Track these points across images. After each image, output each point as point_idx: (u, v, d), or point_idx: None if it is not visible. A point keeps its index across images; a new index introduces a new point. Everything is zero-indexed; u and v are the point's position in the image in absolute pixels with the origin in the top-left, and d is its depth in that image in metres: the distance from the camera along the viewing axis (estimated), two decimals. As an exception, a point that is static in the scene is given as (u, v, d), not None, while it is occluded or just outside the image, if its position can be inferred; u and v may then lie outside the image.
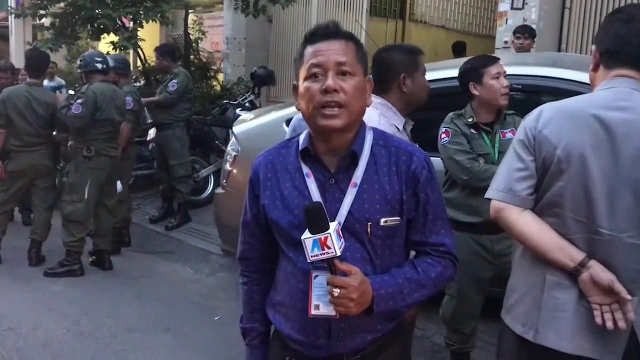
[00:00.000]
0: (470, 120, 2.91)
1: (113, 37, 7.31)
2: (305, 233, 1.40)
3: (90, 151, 4.80)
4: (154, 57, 6.57)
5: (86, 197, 4.82)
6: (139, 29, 7.18)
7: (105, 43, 7.53)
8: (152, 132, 6.51)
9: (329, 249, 1.37)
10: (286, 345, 1.61)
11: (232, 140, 4.40)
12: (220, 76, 9.22)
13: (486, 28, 11.17)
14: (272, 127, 4.12)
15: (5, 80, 5.84)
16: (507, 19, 6.62)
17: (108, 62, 5.01)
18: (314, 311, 1.48)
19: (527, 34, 5.67)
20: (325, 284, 1.42)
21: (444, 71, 3.64)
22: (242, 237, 1.71)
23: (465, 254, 2.65)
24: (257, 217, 1.63)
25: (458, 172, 2.86)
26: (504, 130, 2.93)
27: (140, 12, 7.05)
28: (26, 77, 5.28)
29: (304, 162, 1.55)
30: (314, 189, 1.52)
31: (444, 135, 2.92)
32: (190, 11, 9.08)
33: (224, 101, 7.49)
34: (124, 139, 5.19)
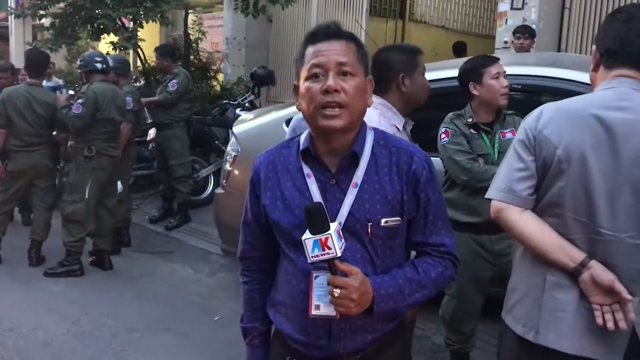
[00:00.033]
0: (469, 120, 2.91)
1: (113, 37, 7.31)
2: (306, 233, 1.39)
3: (91, 151, 4.80)
4: (154, 57, 6.58)
5: (87, 197, 4.82)
6: (139, 29, 7.18)
7: (105, 43, 7.52)
8: (152, 132, 6.51)
9: (329, 249, 1.37)
10: (287, 345, 1.61)
11: (232, 140, 4.40)
12: (220, 76, 9.22)
13: (486, 28, 11.17)
14: (272, 127, 4.12)
15: (5, 80, 5.86)
16: (506, 19, 6.62)
17: (108, 62, 5.01)
18: (315, 311, 1.48)
19: (527, 34, 5.67)
20: (326, 284, 1.42)
21: (443, 71, 3.63)
22: (243, 236, 1.71)
23: (465, 254, 2.65)
24: (258, 217, 1.63)
25: (457, 173, 2.86)
26: (504, 131, 2.93)
27: (140, 13, 7.04)
28: (26, 77, 5.28)
29: (304, 163, 1.55)
30: (314, 190, 1.52)
31: (443, 135, 2.92)
32: (190, 11, 9.08)
33: (224, 101, 7.49)
34: (124, 139, 5.19)
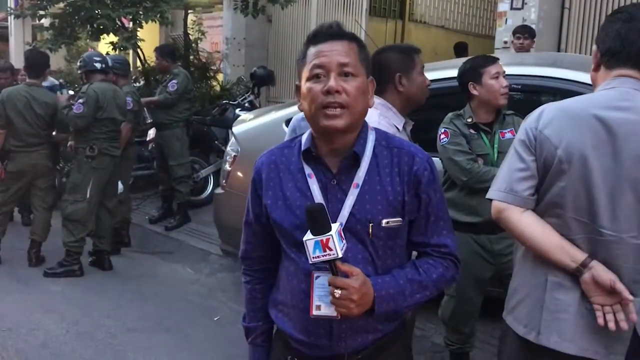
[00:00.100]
0: (469, 120, 2.91)
1: (113, 37, 7.30)
2: (307, 234, 1.39)
3: (93, 150, 4.80)
4: (153, 57, 6.57)
5: (88, 196, 4.83)
6: (139, 29, 7.17)
7: (105, 43, 7.51)
8: (151, 133, 6.51)
9: (330, 250, 1.37)
10: (289, 345, 1.62)
11: (232, 140, 4.40)
12: (220, 76, 9.21)
13: (486, 28, 11.17)
14: (272, 128, 4.12)
15: (4, 80, 5.85)
16: (506, 19, 6.62)
17: (107, 62, 5.02)
18: (316, 311, 1.48)
19: (526, 34, 5.67)
20: (327, 284, 1.42)
21: (444, 71, 3.63)
22: (245, 236, 1.72)
23: (465, 254, 2.64)
24: (260, 217, 1.63)
25: (457, 173, 2.86)
26: (503, 131, 2.92)
27: (140, 13, 7.03)
28: (25, 77, 5.28)
29: (306, 163, 1.55)
30: (316, 190, 1.52)
31: (443, 135, 2.92)
32: (189, 11, 9.08)
33: (224, 101, 7.49)
34: (124, 139, 5.19)
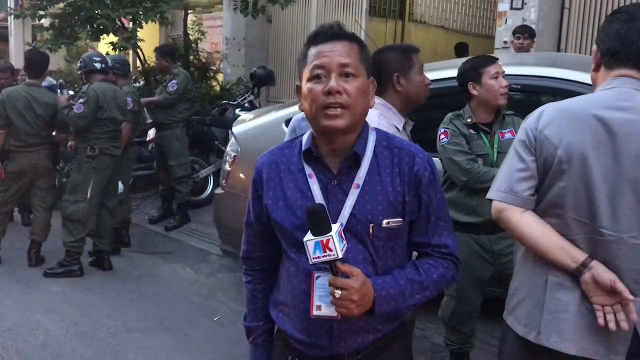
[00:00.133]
0: (469, 120, 2.91)
1: (112, 37, 7.30)
2: (307, 235, 1.39)
3: (94, 150, 4.80)
4: (153, 57, 6.57)
5: (89, 196, 4.83)
6: (139, 29, 7.17)
7: (105, 44, 7.51)
8: (151, 133, 6.51)
9: (330, 251, 1.37)
10: (289, 345, 1.62)
11: (232, 140, 4.40)
12: (220, 76, 9.21)
13: (485, 28, 11.17)
14: (272, 128, 4.12)
15: (4, 80, 5.85)
16: (506, 19, 6.62)
17: (107, 62, 5.02)
18: (316, 312, 1.48)
19: (526, 34, 5.67)
20: (327, 285, 1.42)
21: (443, 71, 3.63)
22: (246, 236, 1.72)
23: (465, 254, 2.64)
24: (260, 217, 1.63)
25: (457, 173, 2.86)
26: (503, 131, 2.92)
27: (140, 13, 7.03)
28: (25, 77, 5.28)
29: (306, 163, 1.55)
30: (316, 190, 1.52)
31: (442, 136, 2.92)
32: (189, 11, 9.07)
33: (224, 101, 7.49)
34: (124, 139, 5.19)
